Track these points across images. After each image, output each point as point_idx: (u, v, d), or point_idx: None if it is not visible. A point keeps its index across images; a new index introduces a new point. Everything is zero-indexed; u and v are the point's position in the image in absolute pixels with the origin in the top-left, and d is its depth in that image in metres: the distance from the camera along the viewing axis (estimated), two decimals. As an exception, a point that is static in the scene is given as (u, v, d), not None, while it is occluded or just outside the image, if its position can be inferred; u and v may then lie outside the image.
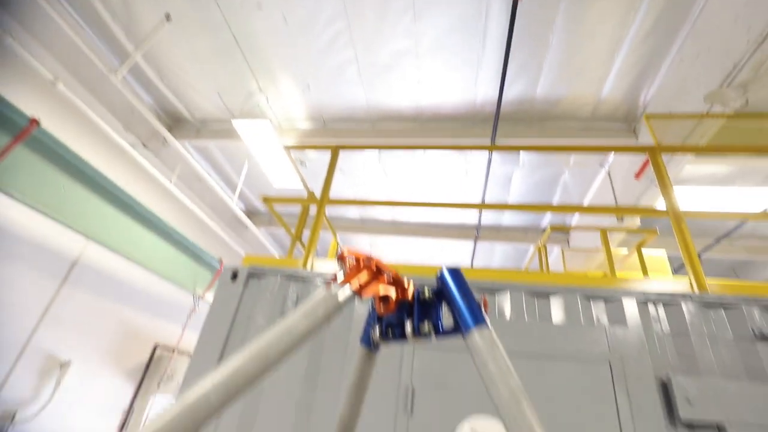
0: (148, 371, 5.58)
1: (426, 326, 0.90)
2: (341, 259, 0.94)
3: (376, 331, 1.04)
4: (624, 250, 4.53)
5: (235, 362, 0.71)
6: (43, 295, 3.91)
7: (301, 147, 4.26)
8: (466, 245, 7.45)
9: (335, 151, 3.17)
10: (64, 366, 4.08)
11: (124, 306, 4.91)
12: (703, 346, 2.07)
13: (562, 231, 6.59)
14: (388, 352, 2.16)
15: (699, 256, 4.03)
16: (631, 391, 1.94)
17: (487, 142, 4.70)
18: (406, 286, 0.95)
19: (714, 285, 2.26)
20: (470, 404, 1.62)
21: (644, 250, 4.07)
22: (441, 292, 0.92)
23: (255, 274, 2.56)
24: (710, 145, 3.53)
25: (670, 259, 4.35)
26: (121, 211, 4.02)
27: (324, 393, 2.14)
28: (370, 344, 1.12)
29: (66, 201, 3.49)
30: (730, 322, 2.14)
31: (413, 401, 2.00)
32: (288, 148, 4.13)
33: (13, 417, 3.57)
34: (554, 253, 7.01)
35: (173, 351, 5.67)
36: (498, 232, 7.00)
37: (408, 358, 2.11)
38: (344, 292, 0.85)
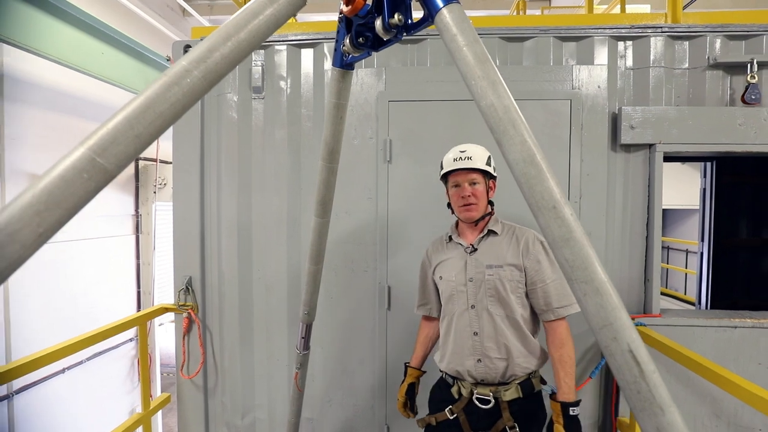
0: (140, 182, 5.84)
1: (396, 18, 0.89)
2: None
3: (347, 42, 1.04)
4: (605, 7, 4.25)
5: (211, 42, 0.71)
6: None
7: None
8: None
9: None
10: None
11: (89, 122, 4.67)
12: (658, 78, 2.20)
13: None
14: (366, 113, 2.24)
15: None
16: (585, 123, 2.16)
17: None
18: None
19: (689, 15, 2.23)
20: (443, 149, 1.77)
21: (628, 5, 3.82)
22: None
23: (213, 50, 2.37)
24: None
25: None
26: (48, 14, 3.36)
27: (309, 157, 2.32)
28: (341, 63, 1.13)
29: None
30: (691, 52, 2.21)
31: (391, 151, 2.20)
32: None
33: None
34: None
35: (155, 161, 5.79)
36: None
37: (384, 115, 2.20)
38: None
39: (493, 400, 1.50)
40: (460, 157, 1.56)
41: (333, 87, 1.19)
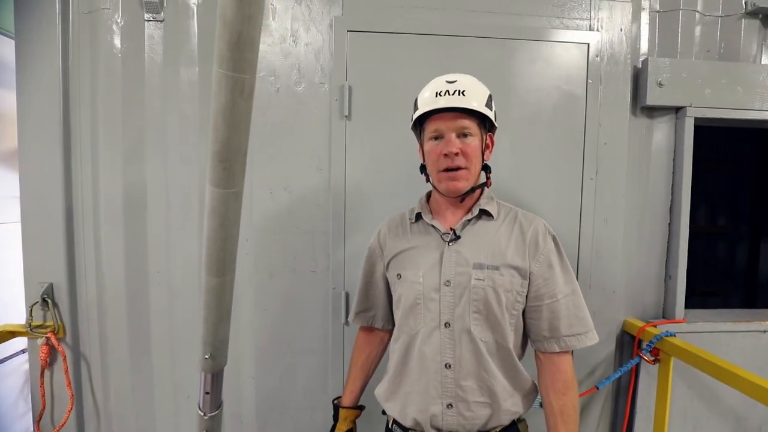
0: None
1: None
2: None
3: None
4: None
5: None
6: None
7: None
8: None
9: None
10: None
11: None
12: (688, 25, 1.76)
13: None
14: (315, 48, 1.58)
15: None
16: (604, 77, 1.66)
17: None
18: None
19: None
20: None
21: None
22: None
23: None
24: None
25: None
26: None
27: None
28: None
29: None
30: (726, -5, 1.79)
31: (351, 103, 1.56)
32: None
33: None
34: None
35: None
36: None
37: (341, 50, 1.55)
38: None
39: None
40: (447, 91, 0.98)
41: None
